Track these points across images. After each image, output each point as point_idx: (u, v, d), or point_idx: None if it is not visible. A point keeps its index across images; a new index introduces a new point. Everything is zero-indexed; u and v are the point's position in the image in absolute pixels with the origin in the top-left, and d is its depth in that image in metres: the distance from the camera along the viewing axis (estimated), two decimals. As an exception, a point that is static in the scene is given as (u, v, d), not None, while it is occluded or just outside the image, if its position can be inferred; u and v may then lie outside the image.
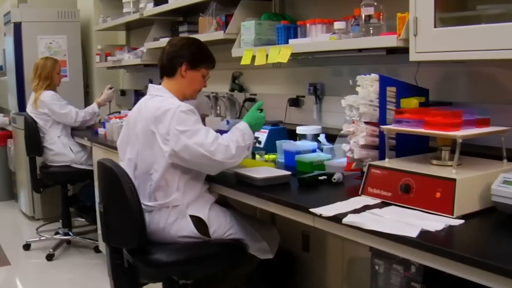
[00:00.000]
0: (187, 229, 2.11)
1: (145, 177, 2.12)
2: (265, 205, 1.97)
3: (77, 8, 5.25)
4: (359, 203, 1.74)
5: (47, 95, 3.99)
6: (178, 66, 2.21)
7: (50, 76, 4.06)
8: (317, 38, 2.36)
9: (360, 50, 2.24)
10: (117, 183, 2.02)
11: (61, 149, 4.03)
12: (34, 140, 4.02)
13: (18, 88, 4.89)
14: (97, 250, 4.04)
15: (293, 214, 1.83)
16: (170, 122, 2.03)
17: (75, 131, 4.14)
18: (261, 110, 2.28)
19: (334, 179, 2.06)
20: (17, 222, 5.10)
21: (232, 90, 3.37)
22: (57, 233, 4.35)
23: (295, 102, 2.89)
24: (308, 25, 2.45)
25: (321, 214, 1.67)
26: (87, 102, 5.16)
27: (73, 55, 5.02)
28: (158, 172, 2.08)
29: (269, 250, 2.30)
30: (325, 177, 2.08)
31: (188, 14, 3.89)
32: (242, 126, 2.18)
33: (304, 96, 2.87)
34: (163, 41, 3.65)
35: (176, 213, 2.11)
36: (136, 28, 4.88)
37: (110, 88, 4.30)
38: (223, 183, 2.21)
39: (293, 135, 2.67)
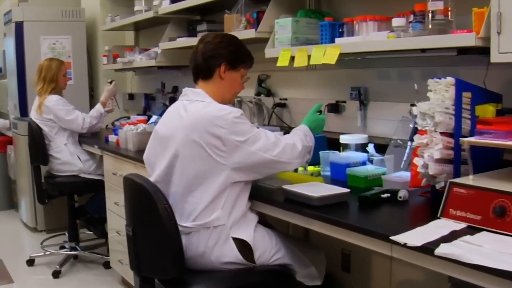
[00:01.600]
0: (231, 254, 1.84)
1: (185, 194, 1.85)
2: (324, 228, 1.70)
3: (82, 6, 4.96)
4: (444, 229, 1.48)
5: (52, 100, 3.70)
6: (216, 67, 1.95)
7: (55, 78, 3.77)
8: (369, 37, 2.10)
9: (423, 51, 1.98)
10: (149, 202, 1.75)
11: (68, 158, 3.74)
12: (39, 148, 3.72)
13: (20, 91, 4.60)
14: (106, 266, 3.75)
15: (363, 241, 1.57)
16: (225, 132, 1.78)
17: (82, 138, 3.86)
18: (320, 112, 2.11)
19: (400, 197, 1.81)
20: (18, 234, 4.79)
21: (258, 94, 3.10)
22: (62, 247, 4.05)
23: (335, 107, 2.62)
24: (356, 22, 2.19)
25: (405, 244, 1.40)
26: (93, 106, 4.84)
27: (78, 57, 4.73)
28: (205, 188, 1.81)
29: (317, 276, 2.04)
30: (388, 194, 1.82)
31: (206, 12, 3.62)
32: (302, 128, 2.01)
33: (345, 101, 2.60)
34: (181, 42, 3.39)
35: (218, 235, 1.83)
36: (146, 28, 4.60)
37: (110, 82, 4.00)
38: (267, 200, 1.94)
39: (333, 145, 2.40)
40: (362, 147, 2.32)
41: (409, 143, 2.17)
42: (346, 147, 2.34)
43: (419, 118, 1.72)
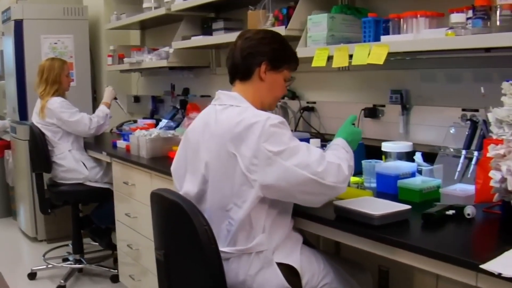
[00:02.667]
0: (275, 282, 1.61)
1: (220, 215, 1.62)
2: (389, 251, 1.49)
3: (84, 4, 4.71)
4: (538, 255, 1.27)
5: (55, 103, 3.46)
6: (255, 66, 1.71)
7: (58, 79, 3.53)
8: (422, 35, 1.89)
9: (487, 50, 1.77)
10: (186, 223, 1.52)
11: (73, 165, 3.50)
12: (42, 154, 3.48)
13: (19, 94, 4.34)
14: (114, 279, 3.52)
15: (441, 268, 1.35)
16: (257, 141, 1.54)
17: (88, 144, 3.62)
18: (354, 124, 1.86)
19: (468, 214, 1.60)
20: (18, 244, 4.54)
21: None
22: (66, 260, 3.81)
23: (372, 112, 2.41)
24: (405, 18, 1.98)
25: (500, 274, 1.19)
26: (95, 109, 4.62)
27: (80, 57, 4.48)
28: (240, 208, 1.58)
29: (366, 300, 1.83)
30: (454, 211, 1.61)
31: (221, 10, 3.40)
32: (342, 143, 1.72)
33: (384, 106, 2.39)
34: (195, 40, 3.17)
35: (261, 261, 1.61)
36: (153, 27, 4.37)
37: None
38: (313, 218, 1.72)
39: (372, 153, 2.19)
40: (406, 156, 2.12)
41: (463, 152, 1.97)
42: (387, 155, 2.13)
43: (495, 125, 1.52)
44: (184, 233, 1.55)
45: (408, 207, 1.61)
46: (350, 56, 2.09)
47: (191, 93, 3.87)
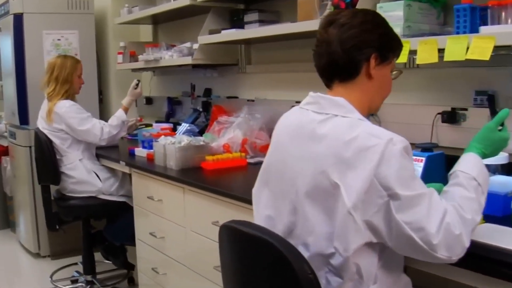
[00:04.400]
0: None
1: (319, 260, 1.25)
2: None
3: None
4: None
5: (63, 106, 3.07)
6: (363, 61, 1.32)
7: (69, 79, 3.13)
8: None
9: None
10: (282, 269, 1.15)
11: (85, 176, 3.11)
12: (50, 164, 3.08)
13: (19, 95, 3.93)
14: (131, 303, 3.15)
15: None
16: (374, 173, 1.17)
17: (100, 151, 3.22)
18: (502, 125, 1.39)
19: None
20: (18, 260, 4.13)
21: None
22: (75, 281, 3.42)
23: (451, 116, 2.05)
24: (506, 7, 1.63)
25: None
26: (102, 111, 4.25)
27: (86, 55, 4.06)
28: (345, 253, 1.20)
29: None
30: None
31: (251, 1, 3.03)
32: (475, 171, 1.29)
33: (466, 109, 2.03)
34: (227, 35, 2.80)
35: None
36: (167, 21, 3.98)
37: (137, 84, 3.30)
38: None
39: (450, 165, 1.83)
40: (502, 169, 1.77)
41: None
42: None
43: None
44: (277, 282, 1.17)
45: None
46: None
47: (214, 93, 3.49)
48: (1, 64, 4.34)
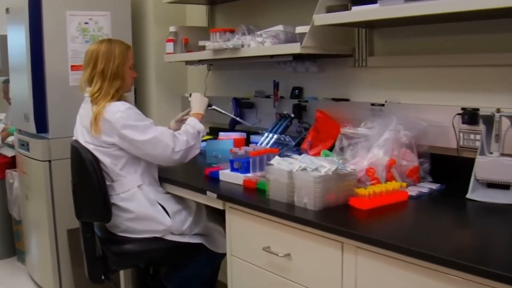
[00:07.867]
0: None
1: None
2: None
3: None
4: None
5: (117, 111, 2.18)
6: None
7: (120, 73, 2.26)
8: None
9: None
10: None
11: (147, 209, 2.23)
12: (97, 194, 2.20)
13: (36, 94, 3.03)
14: None
15: None
16: None
17: (160, 172, 2.35)
18: None
19: None
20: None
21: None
22: None
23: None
24: None
25: None
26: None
27: (120, 43, 3.17)
28: None
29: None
30: None
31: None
32: None
33: None
34: (357, 12, 1.96)
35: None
36: (225, 1, 3.10)
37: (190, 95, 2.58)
38: None
39: None
40: None
41: None
42: None
43: None
44: None
45: None
46: None
47: (307, 94, 2.64)
48: (9, 55, 3.40)
